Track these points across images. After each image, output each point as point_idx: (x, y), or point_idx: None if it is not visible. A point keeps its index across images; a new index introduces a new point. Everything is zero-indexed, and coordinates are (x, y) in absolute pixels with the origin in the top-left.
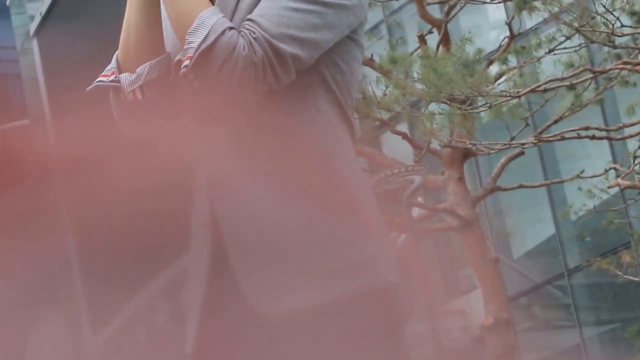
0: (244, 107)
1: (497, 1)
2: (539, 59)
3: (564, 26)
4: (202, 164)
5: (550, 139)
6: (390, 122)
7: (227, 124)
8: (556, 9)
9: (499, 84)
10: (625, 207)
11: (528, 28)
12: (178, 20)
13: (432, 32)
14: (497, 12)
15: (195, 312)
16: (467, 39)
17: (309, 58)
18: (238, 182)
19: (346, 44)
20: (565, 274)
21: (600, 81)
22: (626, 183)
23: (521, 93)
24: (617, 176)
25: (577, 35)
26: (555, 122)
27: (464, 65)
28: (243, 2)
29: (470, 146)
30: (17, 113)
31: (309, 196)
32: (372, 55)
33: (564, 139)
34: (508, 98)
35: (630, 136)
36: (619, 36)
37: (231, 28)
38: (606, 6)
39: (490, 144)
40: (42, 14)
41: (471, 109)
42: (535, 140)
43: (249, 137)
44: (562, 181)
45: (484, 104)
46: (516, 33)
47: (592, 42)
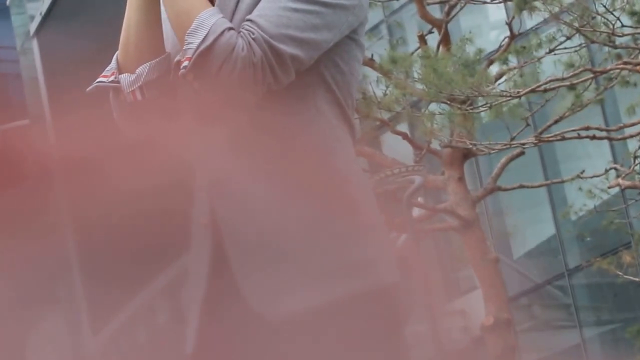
0: (244, 107)
1: (497, 1)
2: (539, 59)
3: (564, 26)
4: (202, 164)
5: (550, 139)
6: (391, 122)
7: (227, 125)
8: (556, 9)
9: (499, 84)
10: (625, 207)
11: (528, 28)
12: (177, 20)
13: (433, 32)
14: (498, 12)
15: (195, 312)
16: (467, 39)
17: (308, 58)
18: (238, 183)
19: (346, 44)
20: (566, 274)
21: (601, 81)
22: (626, 183)
23: (521, 93)
24: (618, 176)
25: (577, 35)
26: (556, 122)
27: (464, 65)
28: (243, 3)
29: (471, 146)
30: (17, 113)
31: (309, 196)
32: (372, 55)
33: (564, 139)
34: (508, 98)
35: (631, 136)
36: (619, 36)
37: (230, 29)
38: (606, 6)
39: (490, 144)
40: (42, 14)
41: (471, 109)
42: (536, 140)
43: (249, 137)
44: (563, 181)
45: (484, 104)
46: (516, 33)
47: (593, 42)
